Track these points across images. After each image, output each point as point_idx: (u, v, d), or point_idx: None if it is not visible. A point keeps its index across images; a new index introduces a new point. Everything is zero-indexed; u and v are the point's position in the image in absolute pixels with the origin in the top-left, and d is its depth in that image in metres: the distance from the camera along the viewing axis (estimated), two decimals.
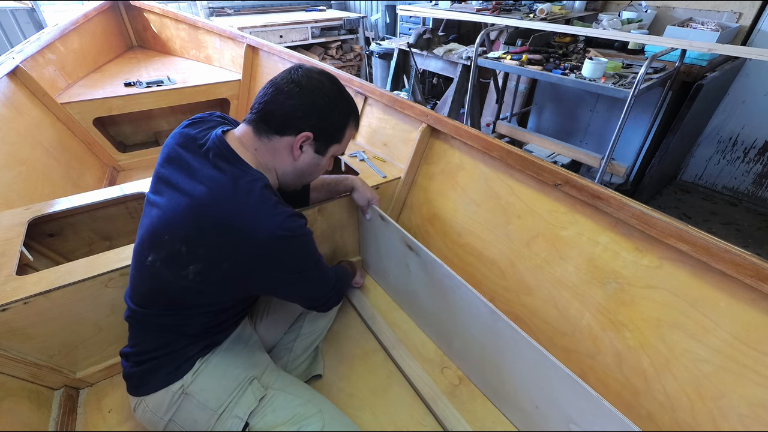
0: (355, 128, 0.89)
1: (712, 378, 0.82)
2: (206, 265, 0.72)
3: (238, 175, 0.73)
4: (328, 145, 0.84)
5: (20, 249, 1.02)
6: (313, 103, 0.78)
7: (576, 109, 3.00)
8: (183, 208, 0.72)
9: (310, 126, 0.78)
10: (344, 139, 0.86)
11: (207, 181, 0.72)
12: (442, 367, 1.17)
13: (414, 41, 3.16)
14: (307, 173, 0.87)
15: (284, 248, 0.73)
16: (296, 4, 5.10)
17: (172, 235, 0.73)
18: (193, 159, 0.76)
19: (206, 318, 0.83)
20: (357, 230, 1.48)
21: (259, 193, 0.72)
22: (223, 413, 0.82)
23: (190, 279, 0.73)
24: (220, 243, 0.70)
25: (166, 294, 0.77)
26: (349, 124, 0.85)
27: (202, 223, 0.70)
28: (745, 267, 0.76)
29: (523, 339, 0.86)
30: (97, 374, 1.09)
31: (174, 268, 0.73)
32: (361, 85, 1.73)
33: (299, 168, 0.84)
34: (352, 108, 0.85)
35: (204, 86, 2.35)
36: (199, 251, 0.71)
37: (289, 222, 0.72)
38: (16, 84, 1.76)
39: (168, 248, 0.73)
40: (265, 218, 0.70)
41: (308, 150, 0.82)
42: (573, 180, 1.03)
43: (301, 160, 0.82)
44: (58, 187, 1.62)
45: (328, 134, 0.83)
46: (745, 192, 2.81)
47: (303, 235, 0.77)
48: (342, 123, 0.84)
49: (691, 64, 2.33)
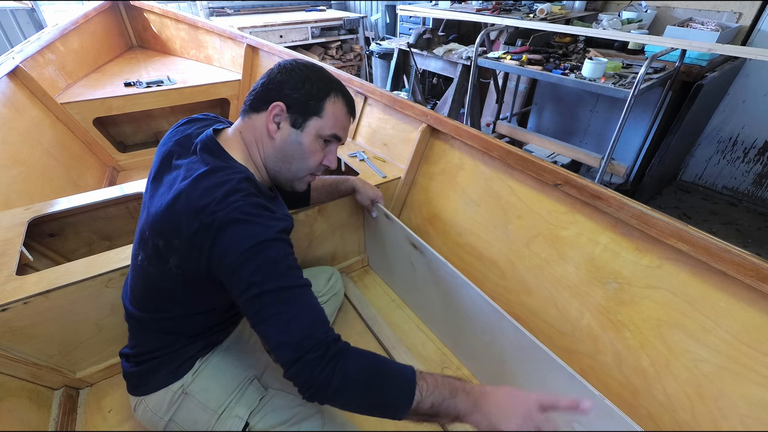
0: (345, 110, 0.81)
1: (712, 378, 0.82)
2: (182, 256, 0.69)
3: (219, 167, 0.71)
4: (305, 117, 0.77)
5: (20, 249, 1.02)
6: (287, 74, 0.77)
7: (576, 109, 3.00)
8: (163, 203, 0.71)
9: (283, 96, 0.75)
10: (325, 113, 0.78)
11: (187, 174, 0.71)
12: (442, 367, 1.17)
13: (414, 41, 3.16)
14: (289, 155, 0.79)
15: (239, 224, 0.64)
16: (296, 4, 5.10)
17: (152, 230, 0.72)
18: (182, 157, 0.76)
19: (205, 318, 0.83)
20: (358, 230, 1.48)
21: (234, 183, 0.68)
22: (223, 413, 0.82)
23: (174, 273, 0.71)
24: (190, 230, 0.66)
25: (159, 294, 0.77)
26: (329, 96, 0.78)
27: (176, 214, 0.68)
28: (745, 267, 0.76)
29: (525, 338, 0.86)
30: (97, 374, 1.09)
31: (158, 265, 0.72)
32: (361, 85, 1.73)
33: (279, 147, 0.78)
34: (334, 85, 0.79)
35: (204, 86, 2.35)
36: (174, 243, 0.69)
37: (255, 208, 0.66)
38: (16, 84, 1.76)
39: (151, 245, 0.73)
40: (230, 203, 0.65)
41: (285, 125, 0.77)
42: (573, 180, 1.03)
43: (279, 137, 0.77)
44: (58, 187, 1.62)
45: (303, 105, 0.76)
46: (745, 192, 2.81)
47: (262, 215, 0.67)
48: (318, 93, 0.77)
49: (691, 64, 2.33)
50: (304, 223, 1.28)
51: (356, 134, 1.77)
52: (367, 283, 1.51)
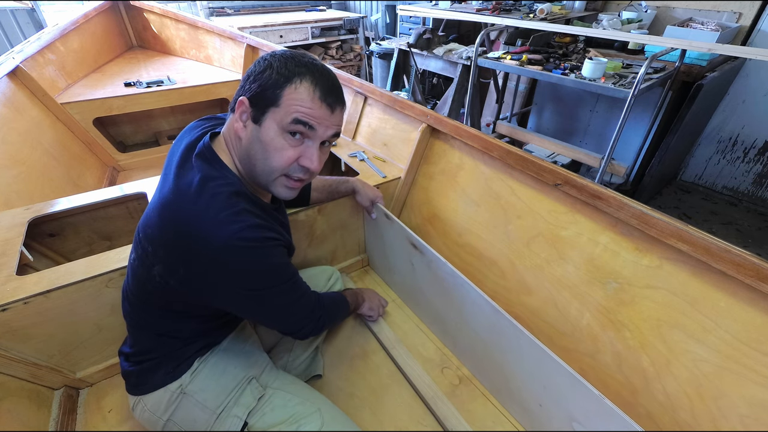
0: (309, 88, 0.67)
1: (712, 378, 0.82)
2: (166, 268, 0.68)
3: (209, 177, 0.68)
4: (263, 110, 0.67)
5: (20, 249, 1.02)
6: (254, 68, 0.69)
7: (576, 109, 3.00)
8: (153, 208, 0.70)
9: (246, 90, 0.68)
10: (283, 100, 0.66)
11: (178, 181, 0.69)
12: (442, 367, 1.17)
13: (414, 41, 3.16)
14: (252, 154, 0.70)
15: (239, 260, 0.64)
16: (296, 4, 5.10)
17: (144, 234, 0.72)
18: (182, 159, 0.74)
19: (198, 321, 0.83)
20: (358, 230, 1.48)
21: (223, 199, 0.66)
22: (221, 413, 0.82)
23: (158, 281, 0.70)
24: (176, 246, 0.66)
25: (149, 296, 0.77)
26: (290, 82, 0.66)
27: (163, 224, 0.67)
28: (745, 267, 0.76)
29: (525, 337, 0.86)
30: (97, 374, 1.09)
31: (145, 268, 0.72)
32: (361, 85, 1.73)
33: (245, 147, 0.70)
34: (301, 67, 0.67)
35: (204, 86, 2.35)
36: (160, 252, 0.68)
37: (249, 232, 0.65)
38: (16, 84, 1.76)
39: (141, 247, 0.73)
40: (223, 226, 0.63)
41: (249, 123, 0.69)
42: (573, 180, 1.03)
43: (244, 137, 0.70)
44: (58, 187, 1.62)
45: (261, 96, 0.67)
46: (745, 192, 2.81)
47: (263, 247, 0.67)
48: (278, 80, 0.66)
49: (691, 64, 2.33)
50: (304, 223, 1.28)
51: (356, 134, 1.77)
52: (367, 283, 1.51)
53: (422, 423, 1.04)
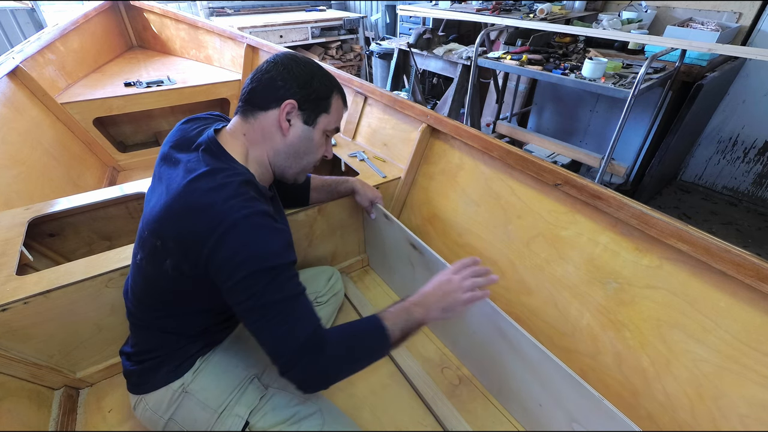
0: (342, 104, 0.85)
1: (712, 378, 0.82)
2: (179, 257, 0.69)
3: (219, 169, 0.71)
4: (316, 114, 0.80)
5: (20, 249, 1.02)
6: (291, 72, 0.76)
7: (576, 109, 3.00)
8: (161, 203, 0.70)
9: (292, 93, 0.76)
10: (332, 110, 0.82)
11: (186, 175, 0.70)
12: (442, 367, 1.17)
13: (414, 41, 3.16)
14: (301, 151, 0.82)
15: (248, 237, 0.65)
16: (296, 4, 5.10)
17: (150, 230, 0.72)
18: (184, 156, 0.75)
19: (204, 318, 0.83)
20: (358, 230, 1.48)
21: (235, 187, 0.68)
22: (223, 412, 0.82)
23: (170, 274, 0.71)
24: (188, 233, 0.66)
25: (157, 293, 0.77)
26: (333, 94, 0.81)
27: (174, 215, 0.68)
28: (745, 267, 0.76)
29: (525, 338, 0.86)
30: (97, 374, 1.09)
31: (155, 265, 0.72)
32: (361, 85, 1.73)
33: (291, 144, 0.80)
34: (333, 80, 0.82)
35: (204, 86, 2.35)
36: (169, 245, 0.69)
37: (260, 217, 0.67)
38: (16, 84, 1.76)
39: (149, 245, 0.73)
40: (234, 210, 0.65)
41: (297, 122, 0.78)
42: (573, 180, 1.03)
43: (291, 134, 0.79)
44: (58, 187, 1.62)
45: (313, 102, 0.79)
46: (745, 192, 2.81)
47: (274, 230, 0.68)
48: (326, 92, 0.80)
49: (691, 64, 2.33)
50: (304, 223, 1.28)
51: (356, 134, 1.77)
52: (367, 283, 1.51)
53: (422, 423, 1.04)
